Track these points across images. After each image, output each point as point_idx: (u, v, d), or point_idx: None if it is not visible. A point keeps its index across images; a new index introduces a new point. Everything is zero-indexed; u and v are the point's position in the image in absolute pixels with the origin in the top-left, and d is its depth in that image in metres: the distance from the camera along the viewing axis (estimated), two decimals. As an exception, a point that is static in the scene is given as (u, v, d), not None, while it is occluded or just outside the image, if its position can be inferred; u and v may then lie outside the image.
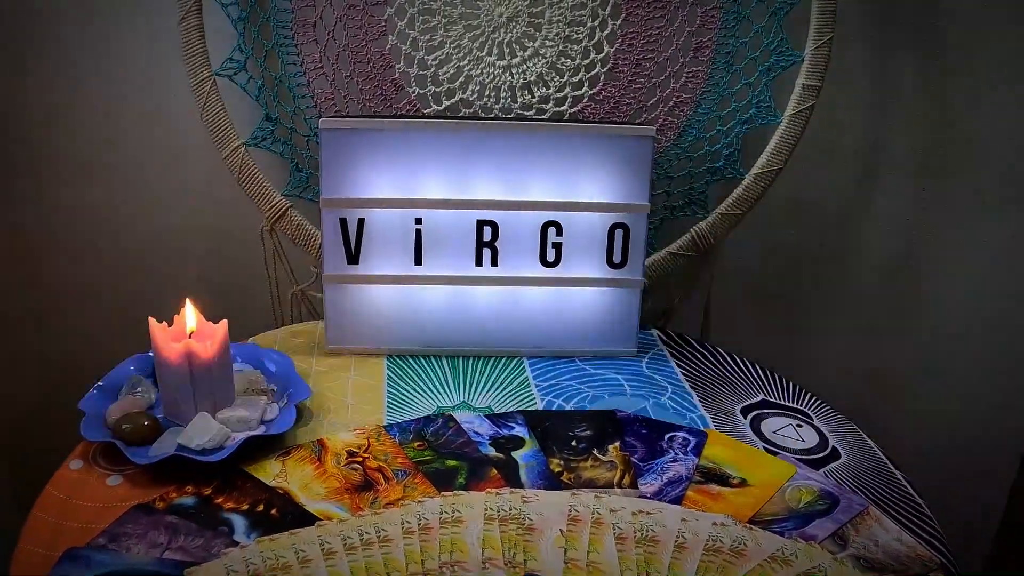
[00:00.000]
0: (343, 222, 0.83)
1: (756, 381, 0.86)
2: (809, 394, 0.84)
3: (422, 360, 0.87)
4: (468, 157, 0.83)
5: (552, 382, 0.84)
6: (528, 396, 0.82)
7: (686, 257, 0.94)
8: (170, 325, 0.74)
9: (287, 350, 0.85)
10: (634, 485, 0.69)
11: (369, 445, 0.73)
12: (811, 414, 0.81)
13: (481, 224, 0.84)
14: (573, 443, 0.74)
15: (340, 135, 0.82)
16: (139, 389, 0.77)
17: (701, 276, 0.99)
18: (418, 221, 0.84)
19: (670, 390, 0.84)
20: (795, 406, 0.82)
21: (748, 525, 0.65)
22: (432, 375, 0.85)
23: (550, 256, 0.85)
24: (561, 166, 0.84)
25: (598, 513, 0.66)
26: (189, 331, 0.75)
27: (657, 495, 0.68)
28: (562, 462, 0.72)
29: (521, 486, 0.69)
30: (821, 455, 0.75)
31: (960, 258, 1.06)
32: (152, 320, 0.72)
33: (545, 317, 0.87)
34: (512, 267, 0.85)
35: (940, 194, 1.04)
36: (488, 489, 0.68)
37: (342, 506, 0.66)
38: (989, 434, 1.14)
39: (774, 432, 0.78)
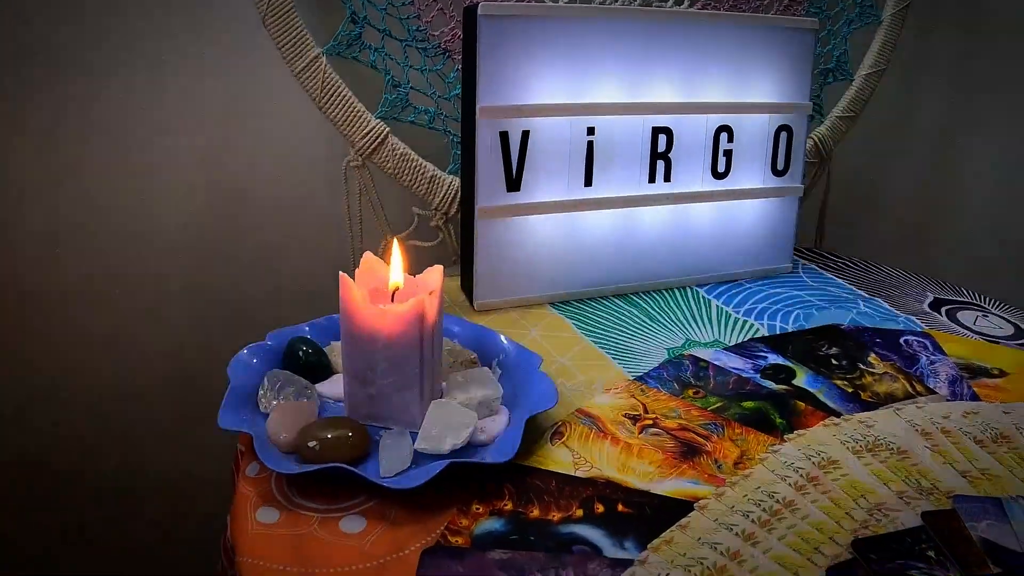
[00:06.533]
0: (503, 137, 0.60)
1: (910, 281, 0.77)
2: (962, 287, 0.76)
3: (588, 303, 0.66)
4: (646, 53, 0.63)
5: (747, 306, 0.68)
6: (739, 323, 0.65)
7: (807, 164, 0.81)
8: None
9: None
10: (930, 391, 0.57)
11: (644, 405, 0.53)
12: (982, 304, 0.72)
13: (656, 132, 0.65)
14: (833, 361, 0.60)
15: (503, 25, 0.57)
16: (291, 388, 0.49)
17: (816, 183, 0.86)
18: (590, 131, 0.62)
19: (861, 304, 0.71)
20: (965, 300, 0.73)
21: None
22: (618, 316, 0.64)
23: (720, 166, 0.68)
24: (733, 61, 0.67)
25: (936, 424, 0.52)
26: (392, 287, 0.49)
27: (952, 397, 0.56)
28: (846, 381, 0.57)
29: (836, 413, 0.53)
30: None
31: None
32: (344, 276, 0.46)
33: (711, 238, 0.70)
34: (684, 182, 0.67)
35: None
36: (824, 422, 0.52)
37: (694, 480, 0.46)
38: None
39: (974, 323, 0.68)
